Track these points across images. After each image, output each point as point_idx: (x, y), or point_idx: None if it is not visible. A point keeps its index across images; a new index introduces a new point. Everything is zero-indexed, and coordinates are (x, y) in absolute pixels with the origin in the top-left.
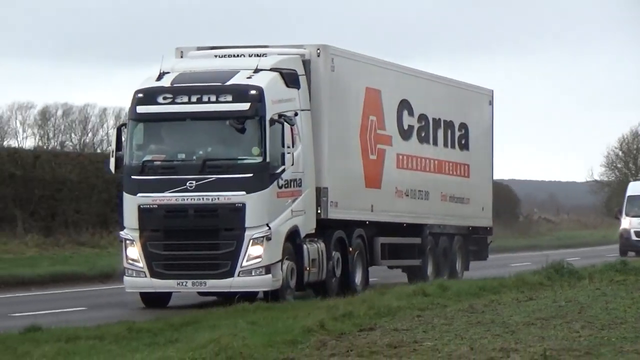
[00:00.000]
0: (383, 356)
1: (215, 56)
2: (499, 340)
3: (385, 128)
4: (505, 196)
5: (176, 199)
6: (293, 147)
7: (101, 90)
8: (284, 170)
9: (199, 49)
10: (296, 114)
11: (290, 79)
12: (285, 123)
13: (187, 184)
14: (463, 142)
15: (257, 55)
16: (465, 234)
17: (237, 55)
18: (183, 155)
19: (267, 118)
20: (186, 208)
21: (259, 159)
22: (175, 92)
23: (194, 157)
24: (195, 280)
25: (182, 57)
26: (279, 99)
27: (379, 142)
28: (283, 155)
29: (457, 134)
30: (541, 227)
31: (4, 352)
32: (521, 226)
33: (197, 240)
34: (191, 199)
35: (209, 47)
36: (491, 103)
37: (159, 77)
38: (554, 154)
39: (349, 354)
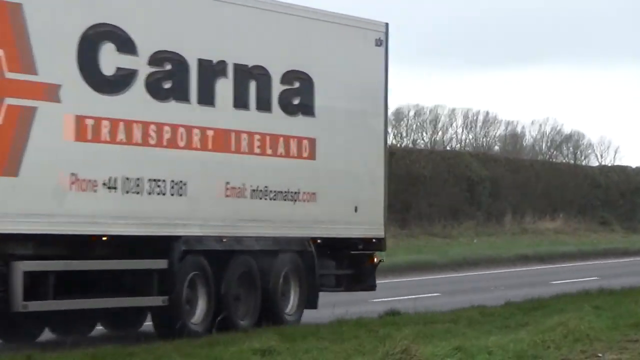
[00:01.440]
0: None
1: None
2: None
3: (34, 71)
4: None
5: None
6: None
7: (452, 92)
8: None
9: None
10: None
11: None
12: None
13: None
14: (297, 102)
15: None
16: (306, 251)
17: None
18: None
19: None
20: None
21: None
22: None
23: None
24: None
25: None
26: None
27: (13, 94)
28: None
29: (280, 89)
30: None
31: (367, 334)
32: None
33: None
34: None
35: None
36: (381, 44)
37: None
38: None
39: None
